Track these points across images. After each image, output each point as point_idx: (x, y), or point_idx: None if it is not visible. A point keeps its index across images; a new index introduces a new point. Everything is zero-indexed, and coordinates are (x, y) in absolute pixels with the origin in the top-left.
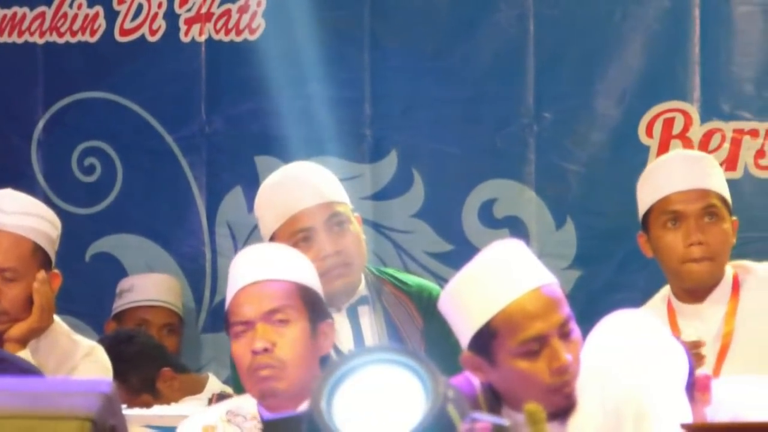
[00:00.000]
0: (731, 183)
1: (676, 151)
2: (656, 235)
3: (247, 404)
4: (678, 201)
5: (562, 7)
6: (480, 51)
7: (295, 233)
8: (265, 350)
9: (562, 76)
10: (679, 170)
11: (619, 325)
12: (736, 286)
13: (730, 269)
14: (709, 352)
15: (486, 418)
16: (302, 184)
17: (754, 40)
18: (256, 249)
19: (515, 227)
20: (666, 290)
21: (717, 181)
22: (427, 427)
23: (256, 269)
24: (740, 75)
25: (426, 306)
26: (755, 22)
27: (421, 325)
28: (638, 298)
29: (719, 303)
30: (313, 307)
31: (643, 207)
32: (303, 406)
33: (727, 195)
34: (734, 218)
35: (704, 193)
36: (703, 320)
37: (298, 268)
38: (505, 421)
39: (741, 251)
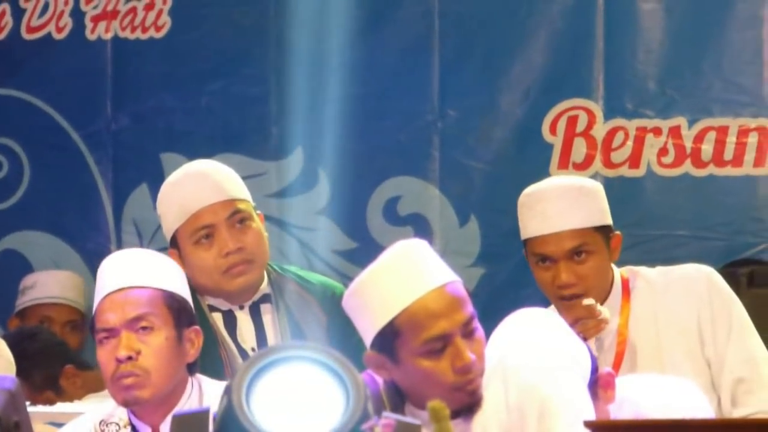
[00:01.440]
0: (634, 181)
1: (548, 184)
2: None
3: (119, 411)
4: (548, 242)
5: (466, 4)
6: (385, 48)
7: (196, 231)
8: (129, 358)
9: (466, 74)
10: (553, 209)
11: (522, 323)
12: (626, 291)
13: (619, 274)
14: (605, 359)
15: (397, 418)
16: (204, 181)
17: (658, 38)
18: (122, 255)
19: (419, 225)
20: None
21: (592, 215)
22: (353, 426)
23: (120, 276)
24: (644, 73)
25: (329, 304)
26: (659, 20)
27: (325, 323)
28: (541, 295)
29: (612, 309)
30: (178, 314)
31: (523, 233)
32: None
33: (604, 221)
34: (617, 233)
35: (574, 234)
36: None
37: (163, 274)
38: (416, 421)
39: (643, 249)
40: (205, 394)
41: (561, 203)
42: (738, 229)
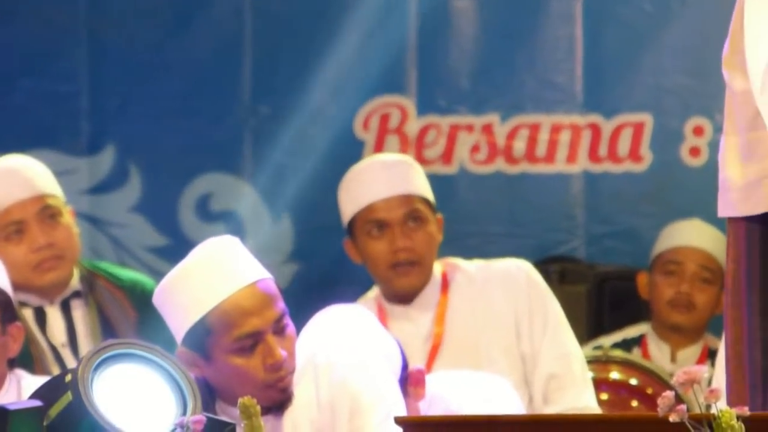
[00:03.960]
0: (446, 178)
1: (375, 157)
2: (362, 243)
3: None
4: (381, 209)
5: (279, 1)
6: (197, 45)
7: (6, 226)
8: None
9: (279, 71)
10: (379, 177)
11: (333, 320)
12: (445, 284)
13: (438, 267)
14: (420, 352)
15: (209, 416)
16: (13, 177)
17: (471, 34)
18: None
19: (231, 221)
20: (376, 290)
21: (418, 184)
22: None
23: None
24: (456, 70)
25: (139, 300)
26: (471, 17)
27: (135, 318)
28: (354, 292)
29: (429, 303)
30: (0, 309)
31: (346, 216)
32: None
33: (429, 196)
34: (439, 215)
35: (407, 199)
36: (413, 321)
37: None
38: (228, 420)
39: (457, 246)
40: (23, 388)
41: (389, 171)
42: (550, 227)
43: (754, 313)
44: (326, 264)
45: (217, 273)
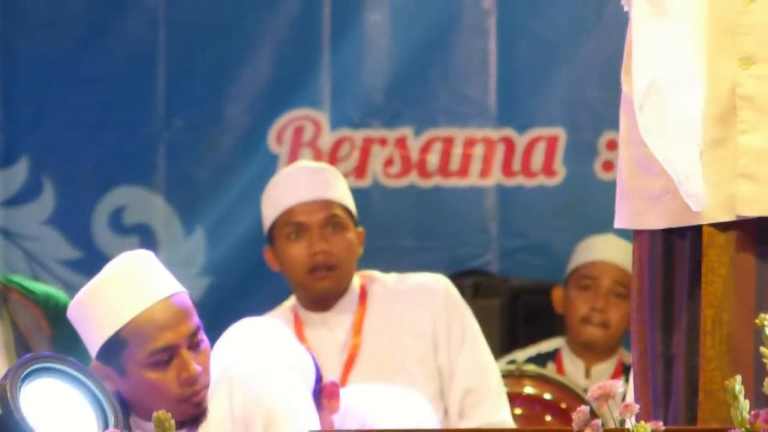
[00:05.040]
0: (360, 192)
1: (298, 163)
2: (281, 248)
3: None
4: (301, 212)
5: (193, 13)
6: (111, 56)
7: None
8: None
9: (192, 83)
10: (301, 182)
11: (246, 334)
12: (363, 295)
13: (357, 279)
14: (336, 362)
15: None
16: None
17: (384, 48)
18: None
19: (145, 235)
20: (292, 300)
21: (340, 192)
22: None
23: None
24: (370, 83)
25: (53, 314)
26: (385, 30)
27: (49, 333)
28: (268, 305)
29: (346, 312)
30: None
31: (267, 221)
32: None
33: (351, 205)
34: (360, 229)
35: (327, 204)
36: (330, 329)
37: None
38: None
39: (371, 259)
40: None
41: (311, 177)
42: (464, 240)
43: (656, 329)
44: (240, 277)
45: (132, 287)
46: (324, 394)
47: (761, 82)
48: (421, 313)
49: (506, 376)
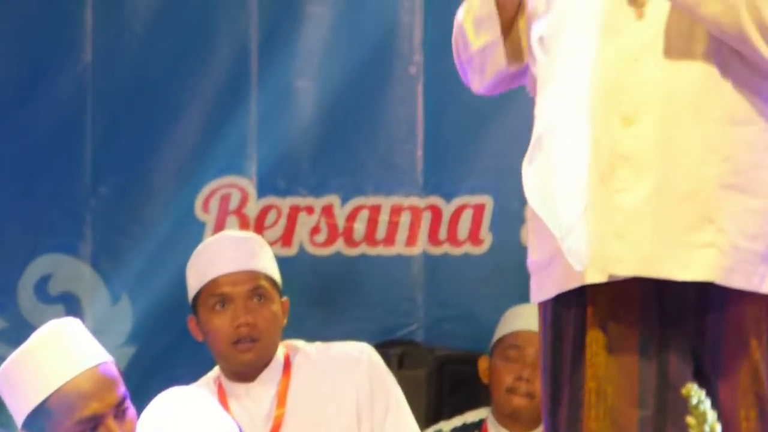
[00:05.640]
0: (286, 260)
1: (223, 233)
2: (205, 318)
3: None
4: (225, 283)
5: (119, 80)
6: (38, 123)
7: None
8: None
9: (119, 150)
10: (225, 252)
11: (172, 403)
12: (287, 365)
13: (281, 349)
14: None
15: None
16: None
17: (311, 115)
18: None
19: (71, 303)
20: (216, 371)
21: (265, 262)
22: None
23: None
24: (297, 150)
25: None
26: (312, 97)
27: None
28: (194, 373)
29: (270, 383)
30: None
31: (192, 290)
32: None
33: (276, 276)
34: (285, 298)
35: (252, 275)
36: (254, 401)
37: None
38: None
39: (296, 328)
40: None
41: (236, 247)
42: (390, 310)
43: (546, 401)
44: (166, 345)
45: (58, 356)
46: None
47: (640, 141)
48: (344, 384)
49: None
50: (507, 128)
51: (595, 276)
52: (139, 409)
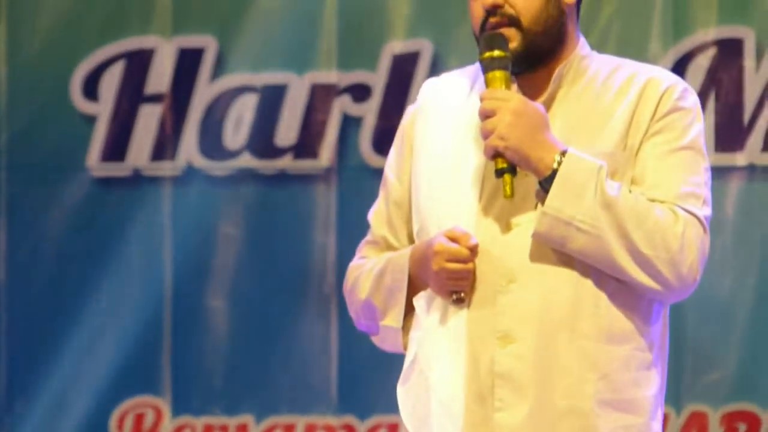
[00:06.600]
0: None
1: None
2: None
3: None
4: None
5: (33, 295)
6: None
7: None
8: None
9: (33, 368)
10: None
11: None
12: None
13: None
14: None
15: None
16: None
17: (224, 334)
18: None
19: None
20: None
21: None
22: None
23: None
24: (211, 370)
25: None
26: (225, 316)
27: None
28: None
29: None
30: None
31: None
32: None
33: None
34: None
35: None
36: None
37: None
38: None
39: None
40: None
41: None
42: None
43: None
44: None
45: None
46: None
47: (517, 360)
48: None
49: None
50: None
51: None
52: None
